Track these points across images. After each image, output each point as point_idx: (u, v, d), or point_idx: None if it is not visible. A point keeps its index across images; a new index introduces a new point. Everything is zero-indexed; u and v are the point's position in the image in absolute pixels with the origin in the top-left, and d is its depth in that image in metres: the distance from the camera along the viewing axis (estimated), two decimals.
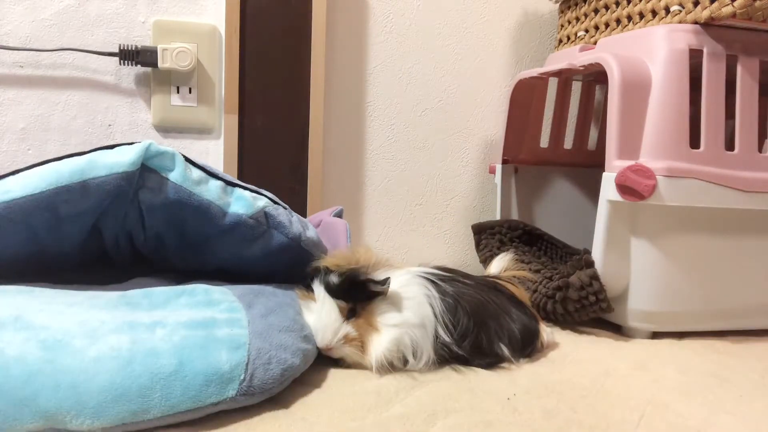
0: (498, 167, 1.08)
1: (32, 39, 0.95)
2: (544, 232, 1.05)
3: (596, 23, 0.96)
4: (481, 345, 0.64)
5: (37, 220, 0.57)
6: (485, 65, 1.16)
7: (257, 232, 0.65)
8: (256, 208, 0.64)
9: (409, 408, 0.54)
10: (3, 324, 0.48)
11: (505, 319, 0.67)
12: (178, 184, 0.60)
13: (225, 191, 0.64)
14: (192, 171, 0.62)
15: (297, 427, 0.50)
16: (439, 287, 0.64)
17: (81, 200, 0.57)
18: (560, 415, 0.55)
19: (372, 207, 1.14)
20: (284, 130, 1.03)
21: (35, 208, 0.56)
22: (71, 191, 0.56)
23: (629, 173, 0.73)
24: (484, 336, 0.65)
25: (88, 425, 0.44)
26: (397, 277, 0.63)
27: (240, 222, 0.63)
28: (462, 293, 0.65)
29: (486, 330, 0.65)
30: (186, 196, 0.60)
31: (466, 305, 0.64)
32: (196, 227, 0.63)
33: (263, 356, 0.52)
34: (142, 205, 0.61)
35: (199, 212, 0.62)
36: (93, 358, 0.46)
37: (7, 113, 0.96)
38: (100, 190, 0.57)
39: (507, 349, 0.66)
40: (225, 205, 0.63)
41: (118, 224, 0.64)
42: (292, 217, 0.69)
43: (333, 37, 1.07)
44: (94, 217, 0.61)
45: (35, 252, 0.61)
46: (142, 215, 0.63)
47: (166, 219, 0.63)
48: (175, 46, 0.96)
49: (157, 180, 0.60)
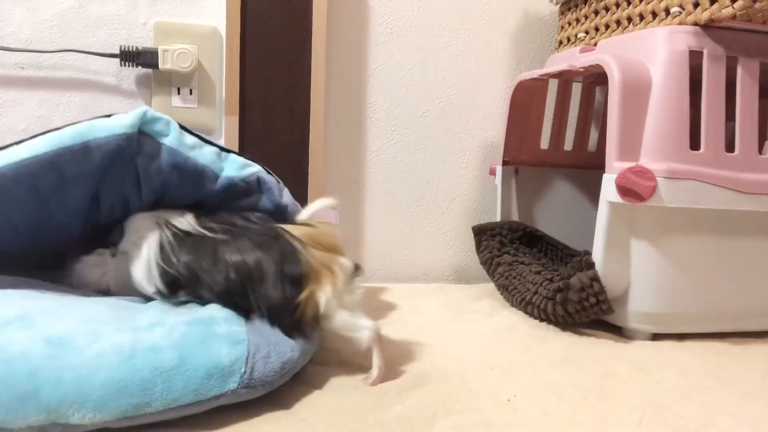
0: (498, 169, 1.08)
1: (33, 40, 0.95)
2: (544, 234, 1.05)
3: (596, 25, 0.96)
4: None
5: (44, 181, 0.58)
6: (486, 67, 1.16)
7: (246, 194, 0.67)
8: (248, 172, 0.66)
9: (409, 409, 0.54)
10: (8, 323, 0.48)
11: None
12: (174, 148, 0.62)
13: (219, 156, 0.66)
14: (186, 137, 0.64)
15: (298, 427, 0.50)
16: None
17: (83, 161, 0.58)
18: (560, 416, 0.55)
19: (372, 208, 1.14)
20: (285, 131, 1.03)
21: (41, 169, 0.57)
22: (74, 152, 0.57)
23: (629, 175, 0.73)
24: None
25: (90, 418, 0.44)
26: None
27: (232, 185, 0.65)
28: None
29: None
30: (181, 160, 0.62)
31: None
32: (190, 190, 0.65)
33: (262, 350, 0.53)
34: (139, 169, 0.63)
35: (194, 176, 0.64)
36: (95, 354, 0.47)
37: (8, 114, 0.96)
38: (100, 151, 0.59)
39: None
40: (218, 169, 0.65)
41: (116, 190, 0.65)
42: (283, 190, 0.70)
43: (333, 38, 1.07)
44: (95, 180, 0.62)
45: (43, 221, 0.62)
46: (138, 180, 0.64)
47: (162, 183, 0.64)
48: (175, 48, 0.96)
49: (153, 145, 0.62)
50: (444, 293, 1.02)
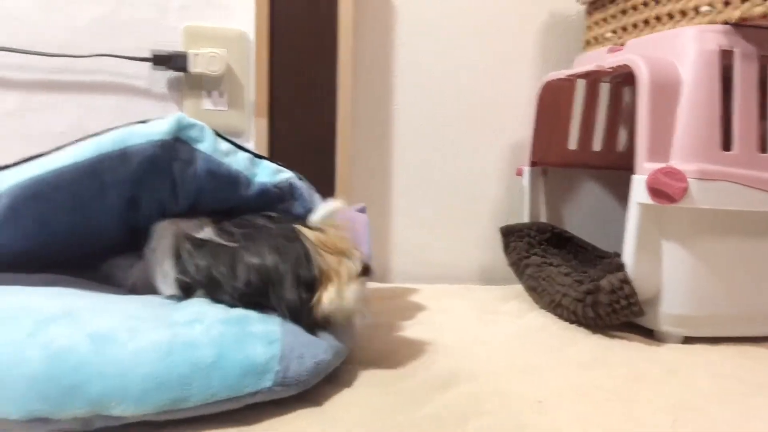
0: (526, 170, 1.08)
1: (68, 45, 0.98)
2: (573, 235, 1.05)
3: (624, 24, 0.95)
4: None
5: (83, 187, 0.60)
6: (512, 67, 1.16)
7: (279, 200, 0.68)
8: (281, 178, 0.67)
9: (439, 409, 0.54)
10: (54, 319, 0.50)
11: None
12: (209, 154, 0.63)
13: (252, 162, 0.66)
14: (221, 143, 0.65)
15: (330, 424, 0.50)
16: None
17: (121, 167, 0.60)
18: (591, 418, 0.54)
19: (398, 209, 1.15)
20: (312, 132, 1.04)
21: (81, 175, 0.58)
22: (112, 158, 0.59)
23: (660, 176, 0.73)
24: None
25: (131, 411, 0.46)
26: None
27: (265, 191, 0.66)
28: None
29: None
30: (216, 166, 0.63)
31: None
32: (224, 196, 0.66)
33: (296, 350, 0.54)
34: (175, 175, 0.64)
35: (228, 181, 0.64)
36: (135, 350, 0.48)
37: (45, 117, 0.98)
38: (138, 157, 0.60)
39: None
40: (252, 175, 0.66)
41: (152, 195, 0.66)
42: (314, 195, 0.71)
43: (359, 39, 1.08)
44: (132, 185, 0.63)
45: (82, 226, 0.64)
46: (174, 186, 0.65)
47: (197, 188, 0.65)
48: (205, 51, 0.98)
49: (188, 151, 0.62)
50: (471, 294, 1.02)
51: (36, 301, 0.53)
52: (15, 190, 0.58)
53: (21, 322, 0.49)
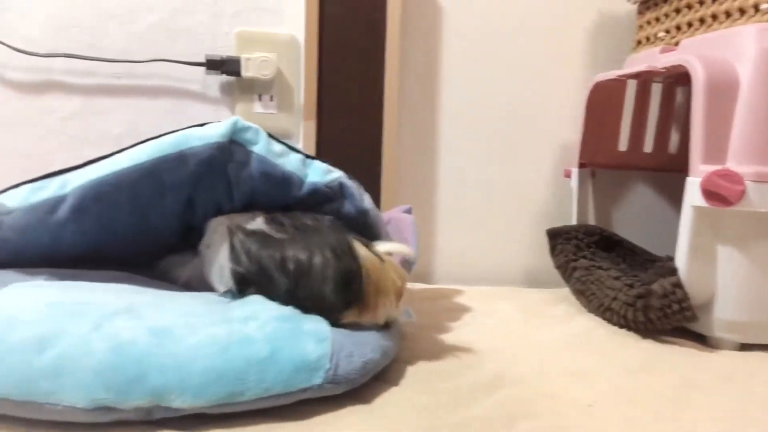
0: (574, 171, 1.06)
1: (127, 51, 1.02)
2: (622, 238, 1.03)
3: (678, 23, 0.93)
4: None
5: (143, 188, 0.62)
6: (559, 68, 1.15)
7: (330, 199, 0.69)
8: (331, 177, 0.68)
9: (487, 410, 0.54)
10: (117, 313, 0.52)
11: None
12: (263, 155, 0.65)
13: (304, 163, 0.68)
14: (274, 144, 0.67)
15: (378, 422, 0.51)
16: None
17: (180, 168, 0.62)
18: (643, 424, 0.54)
19: (444, 210, 1.15)
20: (359, 135, 1.06)
21: (141, 176, 0.61)
22: (170, 160, 0.62)
23: (716, 178, 0.71)
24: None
25: (189, 403, 0.48)
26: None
27: (316, 190, 0.67)
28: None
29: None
30: (270, 167, 0.65)
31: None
32: (277, 196, 0.68)
33: (345, 349, 0.55)
34: (230, 177, 0.66)
35: (281, 182, 0.66)
36: (194, 344, 0.50)
37: (105, 120, 1.03)
38: (195, 159, 0.62)
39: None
40: (304, 175, 0.67)
41: (208, 196, 0.68)
42: (364, 195, 0.72)
43: (407, 42, 1.09)
44: (190, 186, 0.66)
45: (140, 226, 0.67)
46: (230, 187, 0.67)
47: (251, 189, 0.67)
48: (257, 56, 1.01)
49: (243, 153, 0.65)
50: (517, 296, 1.01)
51: (100, 297, 0.56)
52: (80, 192, 0.61)
53: (87, 316, 0.51)
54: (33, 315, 0.51)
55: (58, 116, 1.02)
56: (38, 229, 0.61)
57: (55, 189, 0.61)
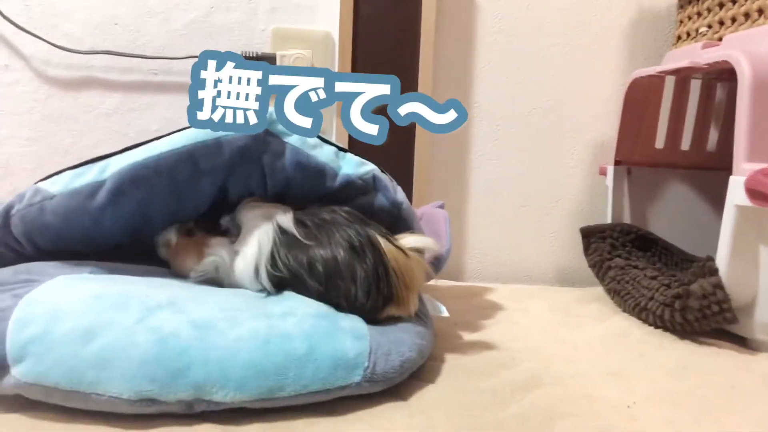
0: (610, 169, 1.05)
1: (165, 48, 1.03)
2: (658, 237, 1.01)
3: (721, 18, 0.91)
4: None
5: (180, 172, 0.63)
6: (596, 64, 1.13)
7: (363, 192, 0.69)
8: (364, 170, 0.69)
9: (525, 409, 0.54)
10: (160, 306, 0.53)
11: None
12: (297, 147, 0.66)
13: (337, 155, 0.69)
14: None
15: (416, 419, 0.51)
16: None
17: (216, 155, 0.64)
18: (685, 427, 0.53)
19: (475, 207, 1.14)
20: (391, 130, 1.05)
21: (179, 161, 0.62)
22: (207, 146, 0.63)
23: (761, 177, 0.69)
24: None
25: (230, 397, 0.48)
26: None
27: (350, 182, 0.68)
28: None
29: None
30: (304, 158, 0.66)
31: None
32: (311, 187, 0.68)
33: (383, 347, 0.55)
34: (265, 168, 0.67)
35: (314, 173, 0.67)
36: (235, 338, 0.51)
37: (142, 116, 1.05)
38: (231, 147, 0.63)
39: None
40: (337, 167, 0.68)
41: (242, 183, 0.69)
42: (397, 187, 0.72)
43: (441, 37, 1.08)
44: (224, 173, 0.67)
45: (174, 211, 0.68)
46: (264, 176, 0.68)
47: (285, 180, 0.68)
48: (292, 53, 1.01)
49: (278, 144, 0.66)
50: (550, 295, 1.00)
51: (142, 290, 0.57)
52: (118, 176, 0.62)
53: (130, 308, 0.52)
54: (79, 306, 0.52)
55: (98, 112, 1.04)
56: (79, 214, 0.63)
57: (96, 174, 0.63)
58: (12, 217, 0.63)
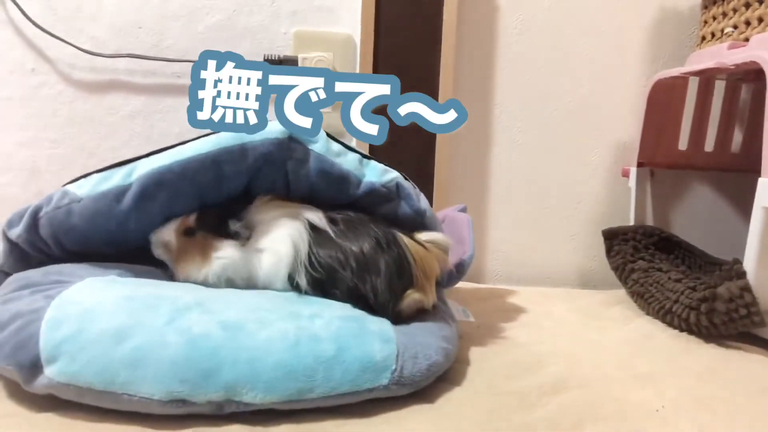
0: (633, 170, 1.04)
1: (188, 51, 1.04)
2: (681, 240, 1.00)
3: (747, 18, 0.90)
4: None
5: (204, 177, 0.64)
6: (618, 65, 1.12)
7: (387, 199, 0.69)
8: (388, 178, 0.69)
9: (553, 413, 0.54)
10: (189, 308, 0.54)
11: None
12: (321, 154, 0.66)
13: (361, 163, 0.69)
14: (332, 144, 0.68)
15: (444, 422, 0.51)
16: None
17: (239, 161, 0.64)
18: (717, 431, 0.52)
19: (496, 209, 1.14)
20: (413, 133, 1.05)
21: (203, 166, 0.63)
22: (231, 152, 0.63)
23: None
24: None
25: (260, 398, 0.49)
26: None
27: (373, 190, 0.68)
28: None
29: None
30: (328, 165, 0.66)
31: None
32: (334, 194, 0.68)
33: (410, 350, 0.55)
34: (289, 174, 0.67)
35: (338, 181, 0.67)
36: (265, 338, 0.51)
37: (165, 119, 1.05)
38: (255, 153, 0.64)
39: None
40: (361, 174, 0.68)
41: (267, 188, 0.69)
42: (420, 195, 0.72)
43: (462, 39, 1.08)
44: (247, 179, 0.67)
45: (197, 208, 0.68)
46: (288, 183, 0.68)
47: (309, 186, 0.68)
48: (314, 55, 1.02)
49: (302, 151, 0.66)
50: (572, 298, 0.99)
51: (169, 292, 0.57)
52: (144, 180, 0.63)
53: (160, 309, 0.53)
54: (111, 307, 0.52)
55: (122, 115, 1.05)
56: (105, 217, 0.63)
57: (122, 178, 0.63)
58: (40, 219, 0.64)
